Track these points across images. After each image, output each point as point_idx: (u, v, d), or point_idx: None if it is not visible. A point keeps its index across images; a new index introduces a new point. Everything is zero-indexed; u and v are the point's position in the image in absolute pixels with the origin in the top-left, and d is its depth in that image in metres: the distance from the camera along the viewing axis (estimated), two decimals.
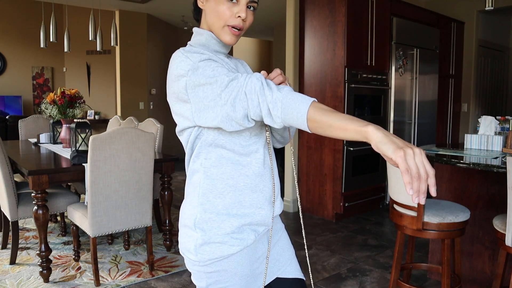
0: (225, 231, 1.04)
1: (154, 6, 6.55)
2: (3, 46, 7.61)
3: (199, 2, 1.12)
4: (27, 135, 4.71)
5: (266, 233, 1.15)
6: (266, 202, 1.09)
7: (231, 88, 0.91)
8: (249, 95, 0.90)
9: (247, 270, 1.09)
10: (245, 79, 0.91)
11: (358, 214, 4.43)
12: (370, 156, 4.42)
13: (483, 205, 2.52)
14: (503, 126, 2.62)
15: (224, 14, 1.04)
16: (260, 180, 1.08)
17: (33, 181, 2.61)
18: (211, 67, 0.97)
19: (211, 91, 0.94)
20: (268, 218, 1.10)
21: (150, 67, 7.29)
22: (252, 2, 1.06)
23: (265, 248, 1.14)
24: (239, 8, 1.04)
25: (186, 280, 2.82)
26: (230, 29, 1.05)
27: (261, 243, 1.13)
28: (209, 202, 1.05)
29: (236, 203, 1.06)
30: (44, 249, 2.72)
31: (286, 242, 1.23)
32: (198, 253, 1.05)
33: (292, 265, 1.22)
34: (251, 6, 1.07)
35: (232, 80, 0.92)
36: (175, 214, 4.43)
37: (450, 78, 5.66)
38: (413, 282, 2.76)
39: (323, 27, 4.22)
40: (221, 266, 1.05)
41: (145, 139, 2.77)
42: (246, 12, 1.05)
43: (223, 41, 1.08)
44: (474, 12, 5.88)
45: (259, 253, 1.13)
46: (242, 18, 1.05)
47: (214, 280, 1.07)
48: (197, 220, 1.06)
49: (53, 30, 4.81)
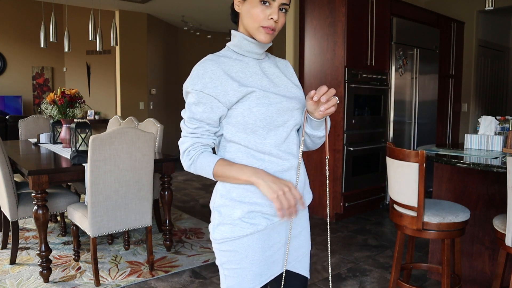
0: (236, 216, 1.16)
1: (154, 6, 6.55)
2: (3, 46, 7.61)
3: (235, 6, 1.21)
4: (27, 135, 4.71)
5: (285, 224, 1.23)
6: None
7: (184, 139, 1.21)
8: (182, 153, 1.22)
9: (259, 255, 1.18)
10: (183, 142, 1.20)
11: (358, 214, 4.43)
12: (370, 156, 4.42)
13: (483, 205, 2.52)
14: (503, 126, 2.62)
15: (258, 16, 1.14)
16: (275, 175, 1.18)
17: (33, 181, 2.61)
18: (189, 103, 1.19)
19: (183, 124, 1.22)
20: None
21: (150, 67, 7.29)
22: (284, 4, 1.15)
23: (280, 238, 1.23)
24: (272, 11, 1.14)
25: (186, 280, 2.83)
26: (264, 29, 1.16)
27: (277, 233, 1.22)
28: (225, 189, 1.18)
29: (249, 192, 1.16)
30: (44, 249, 2.72)
31: (305, 239, 1.32)
32: (215, 232, 1.19)
33: (302, 262, 1.31)
34: (283, 8, 1.16)
35: (185, 136, 1.20)
36: (175, 214, 4.43)
37: (450, 78, 5.66)
38: (413, 282, 2.76)
39: (323, 27, 4.22)
40: (233, 246, 1.17)
41: (145, 139, 2.77)
42: (278, 14, 1.15)
43: (259, 41, 1.18)
44: (474, 12, 5.88)
45: (273, 241, 1.21)
46: (274, 20, 1.15)
47: (226, 260, 1.19)
48: (215, 204, 1.21)
49: (53, 30, 4.81)
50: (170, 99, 8.11)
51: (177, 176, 6.68)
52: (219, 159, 1.15)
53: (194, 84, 1.15)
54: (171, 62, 8.15)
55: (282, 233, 1.24)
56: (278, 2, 1.14)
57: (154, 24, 7.36)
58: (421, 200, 2.03)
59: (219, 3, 6.32)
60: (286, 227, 1.24)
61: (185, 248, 3.42)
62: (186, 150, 1.18)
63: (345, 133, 4.10)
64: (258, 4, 1.13)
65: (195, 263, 3.10)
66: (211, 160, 1.15)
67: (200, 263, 3.10)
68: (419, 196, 2.03)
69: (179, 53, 8.41)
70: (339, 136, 4.12)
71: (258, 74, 1.20)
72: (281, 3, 1.14)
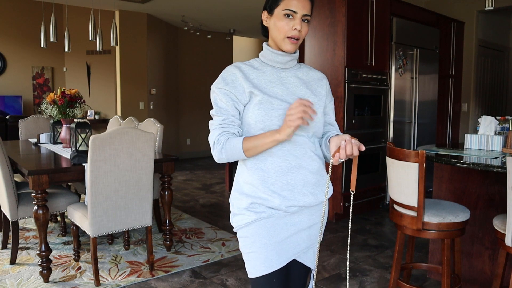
0: (243, 206, 1.35)
1: (154, 6, 6.55)
2: (3, 46, 7.61)
3: (264, 21, 1.38)
4: (27, 135, 4.71)
5: (293, 216, 1.36)
6: (275, 194, 1.32)
7: (212, 132, 1.34)
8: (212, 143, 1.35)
9: (265, 240, 1.33)
10: (212, 135, 1.33)
11: (358, 214, 4.43)
12: (370, 156, 4.42)
13: (483, 205, 2.52)
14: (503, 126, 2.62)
15: (283, 28, 1.31)
16: (276, 175, 1.32)
17: (33, 181, 2.61)
18: (215, 99, 1.34)
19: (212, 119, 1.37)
20: (280, 206, 1.32)
21: (150, 67, 7.29)
22: (306, 15, 1.31)
23: (288, 228, 1.36)
24: (295, 22, 1.29)
25: (186, 280, 2.83)
26: (289, 39, 1.31)
27: (284, 223, 1.36)
28: (238, 185, 1.40)
29: (255, 188, 1.33)
30: (44, 249, 2.72)
31: (314, 234, 1.43)
32: (232, 221, 1.40)
33: (308, 254, 1.44)
34: (305, 19, 1.32)
35: (214, 128, 1.33)
36: (175, 214, 4.43)
37: (450, 78, 5.66)
38: (413, 282, 2.76)
39: (323, 27, 4.22)
40: (244, 232, 1.36)
41: (145, 139, 2.77)
42: (301, 25, 1.30)
43: (285, 50, 1.34)
44: (474, 12, 5.88)
45: (280, 229, 1.35)
46: (298, 30, 1.30)
47: (243, 245, 1.38)
48: (231, 198, 1.42)
49: (53, 30, 4.81)
50: (170, 99, 8.11)
51: (177, 176, 6.68)
52: (244, 137, 1.29)
53: (218, 83, 1.34)
54: (171, 62, 8.15)
55: (290, 223, 1.36)
56: (300, 14, 1.29)
57: (154, 24, 7.36)
58: (421, 200, 2.03)
59: (219, 3, 6.32)
60: (294, 218, 1.37)
61: (185, 248, 3.42)
62: (215, 140, 1.30)
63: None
64: (283, 17, 1.30)
65: (195, 263, 3.10)
66: (238, 140, 1.28)
67: (200, 263, 3.10)
68: (419, 196, 2.03)
69: (179, 53, 8.41)
70: None
71: (273, 82, 1.35)
72: (303, 14, 1.29)
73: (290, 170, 1.32)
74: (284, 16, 1.29)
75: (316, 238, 1.44)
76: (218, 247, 3.44)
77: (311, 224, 1.41)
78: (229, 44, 9.12)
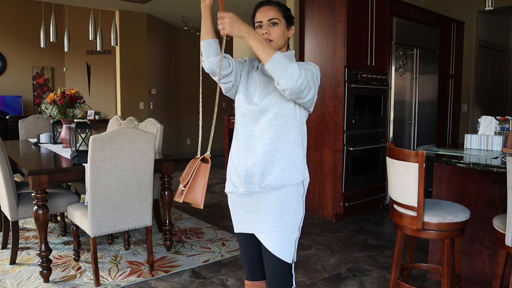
0: (227, 180, 1.68)
1: (154, 6, 6.55)
2: (3, 46, 7.61)
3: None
4: (27, 135, 4.71)
5: (250, 196, 1.60)
6: (233, 172, 1.63)
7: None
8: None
9: (231, 209, 1.70)
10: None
11: (358, 214, 4.43)
12: (370, 156, 4.42)
13: (483, 205, 2.52)
14: (503, 126, 2.62)
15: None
16: (239, 153, 1.60)
17: (33, 181, 2.61)
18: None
19: None
20: (238, 185, 1.62)
21: (150, 67, 7.29)
22: (270, 20, 1.57)
23: (245, 205, 1.63)
24: (262, 30, 1.58)
25: (186, 280, 2.83)
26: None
27: (244, 200, 1.62)
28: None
29: (229, 169, 1.66)
30: (44, 249, 2.72)
31: (270, 218, 1.58)
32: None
33: (273, 242, 1.58)
34: (272, 22, 1.58)
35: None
36: (175, 214, 4.43)
37: (450, 78, 5.66)
38: (413, 282, 2.76)
39: (323, 27, 4.22)
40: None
41: (145, 139, 2.77)
42: (267, 28, 1.57)
43: None
44: (474, 12, 5.88)
45: (240, 204, 1.64)
46: (264, 33, 1.57)
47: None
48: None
49: (53, 30, 4.81)
50: (170, 99, 8.11)
51: (177, 176, 6.67)
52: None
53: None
54: (171, 62, 8.15)
55: (248, 202, 1.61)
56: (265, 21, 1.57)
57: (154, 24, 7.36)
58: (421, 200, 2.03)
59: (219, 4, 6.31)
60: (251, 199, 1.60)
61: (185, 248, 3.42)
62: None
63: (345, 133, 4.10)
64: (257, 29, 1.59)
65: (195, 263, 3.10)
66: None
67: (200, 263, 3.10)
68: (419, 196, 2.03)
69: (179, 53, 8.40)
70: (339, 136, 4.12)
71: (254, 71, 1.67)
72: (267, 20, 1.57)
73: (242, 148, 1.63)
74: (257, 28, 1.59)
75: (273, 223, 1.58)
76: (218, 247, 3.44)
77: (266, 208, 1.58)
78: (229, 44, 9.11)
